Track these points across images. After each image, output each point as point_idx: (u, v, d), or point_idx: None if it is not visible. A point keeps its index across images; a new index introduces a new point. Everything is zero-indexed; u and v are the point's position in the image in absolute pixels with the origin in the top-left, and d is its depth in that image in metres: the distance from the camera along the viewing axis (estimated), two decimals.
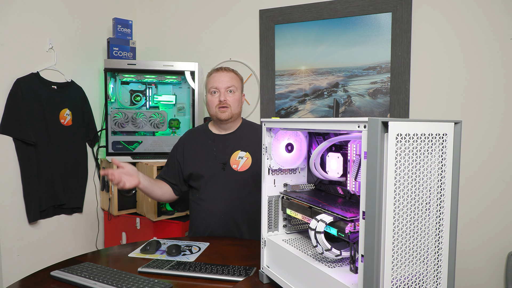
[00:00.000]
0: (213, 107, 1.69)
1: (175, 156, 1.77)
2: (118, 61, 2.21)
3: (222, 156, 1.70)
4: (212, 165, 1.69)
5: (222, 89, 1.68)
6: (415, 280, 0.76)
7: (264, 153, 1.13)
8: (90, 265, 1.22)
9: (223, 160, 1.69)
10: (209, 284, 1.14)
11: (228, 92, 1.68)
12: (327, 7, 2.14)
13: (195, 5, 2.51)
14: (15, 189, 1.92)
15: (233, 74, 1.73)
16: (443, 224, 0.78)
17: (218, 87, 1.68)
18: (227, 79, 1.68)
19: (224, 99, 1.66)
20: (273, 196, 1.16)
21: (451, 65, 1.94)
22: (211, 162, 1.69)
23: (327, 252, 0.89)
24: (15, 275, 1.85)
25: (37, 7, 2.01)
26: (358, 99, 2.13)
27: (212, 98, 1.69)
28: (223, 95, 1.67)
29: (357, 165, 0.92)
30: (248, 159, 1.69)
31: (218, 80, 1.68)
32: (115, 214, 2.22)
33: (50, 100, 2.05)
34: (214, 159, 1.70)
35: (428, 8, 1.96)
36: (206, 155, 1.72)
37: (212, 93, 1.70)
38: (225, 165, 1.68)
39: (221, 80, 1.68)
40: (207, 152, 1.72)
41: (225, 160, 1.69)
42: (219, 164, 1.69)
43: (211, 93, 1.70)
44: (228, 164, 1.68)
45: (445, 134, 0.77)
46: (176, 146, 1.80)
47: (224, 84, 1.68)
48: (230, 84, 1.69)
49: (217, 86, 1.68)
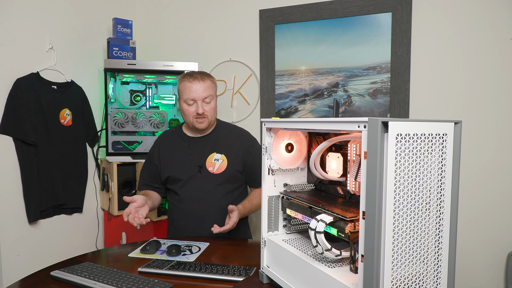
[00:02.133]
0: (190, 117, 1.67)
1: (152, 161, 1.77)
2: (118, 61, 2.21)
3: (198, 159, 1.70)
4: (188, 168, 1.69)
5: (199, 100, 1.64)
6: (415, 280, 0.76)
7: (264, 153, 1.13)
8: (90, 265, 1.22)
9: (199, 163, 1.69)
10: (209, 284, 1.14)
11: (205, 103, 1.66)
12: (327, 7, 2.14)
13: (195, 5, 2.51)
14: (15, 189, 1.92)
15: (209, 82, 1.67)
16: (443, 224, 0.78)
17: (195, 98, 1.63)
18: (202, 89, 1.64)
19: (202, 111, 1.64)
20: (273, 196, 1.16)
21: (451, 65, 1.94)
22: (187, 165, 1.70)
23: (327, 252, 0.89)
24: (15, 275, 1.86)
25: (37, 7, 2.01)
26: (358, 99, 2.13)
27: (188, 108, 1.66)
28: (200, 107, 1.63)
29: (357, 165, 0.92)
30: (224, 161, 1.69)
31: (195, 90, 1.63)
32: (115, 214, 2.22)
33: (50, 100, 2.05)
34: (190, 162, 1.70)
35: (428, 8, 1.96)
36: (182, 158, 1.72)
37: (188, 104, 1.66)
38: (201, 168, 1.68)
39: (197, 90, 1.63)
40: (183, 155, 1.72)
41: (201, 163, 1.69)
42: (195, 167, 1.69)
43: (187, 103, 1.66)
44: (204, 167, 1.69)
45: (445, 134, 0.77)
46: (152, 150, 1.80)
47: (200, 95, 1.63)
48: (207, 94, 1.65)
49: (193, 97, 1.63)
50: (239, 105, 2.40)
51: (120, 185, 2.21)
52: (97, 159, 2.38)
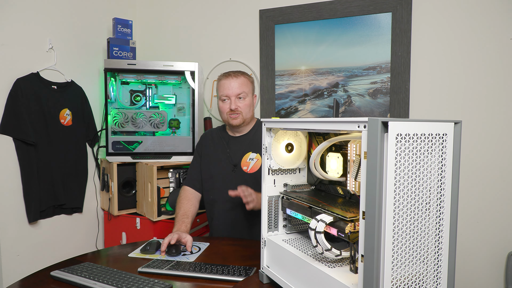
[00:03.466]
0: (225, 114, 1.69)
1: (198, 159, 1.81)
2: (118, 61, 2.21)
3: (235, 158, 1.72)
4: (224, 167, 1.71)
5: (233, 96, 1.66)
6: (415, 280, 0.76)
7: (264, 153, 1.13)
8: (90, 265, 1.22)
9: (235, 161, 1.71)
10: (209, 284, 1.14)
11: (239, 99, 1.67)
12: (327, 7, 2.14)
13: (195, 5, 2.51)
14: (15, 189, 1.92)
15: (243, 79, 1.70)
16: (443, 224, 0.78)
17: (228, 94, 1.66)
18: (236, 86, 1.66)
19: (235, 107, 1.66)
20: (273, 196, 1.16)
21: (451, 65, 1.94)
22: (224, 164, 1.72)
23: (327, 252, 0.89)
24: (15, 275, 1.86)
25: (37, 7, 2.01)
26: (358, 99, 2.13)
27: (223, 105, 1.69)
28: (233, 103, 1.66)
29: (357, 165, 0.92)
30: (258, 160, 1.69)
31: (228, 87, 1.66)
32: (115, 214, 2.22)
33: (50, 100, 2.05)
34: (227, 161, 1.72)
35: (428, 8, 1.96)
36: (220, 156, 1.74)
37: (222, 100, 1.69)
38: (235, 167, 1.69)
39: (231, 87, 1.66)
40: (222, 153, 1.74)
41: (236, 161, 1.70)
42: (231, 166, 1.70)
43: (221, 100, 1.69)
44: (239, 166, 1.69)
45: (445, 134, 0.77)
46: (197, 149, 1.85)
47: (234, 91, 1.66)
48: (240, 91, 1.67)
49: (227, 93, 1.66)
50: None
51: (120, 185, 2.21)
52: (97, 159, 2.38)
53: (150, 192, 2.10)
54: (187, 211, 1.67)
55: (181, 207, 1.67)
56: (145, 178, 2.16)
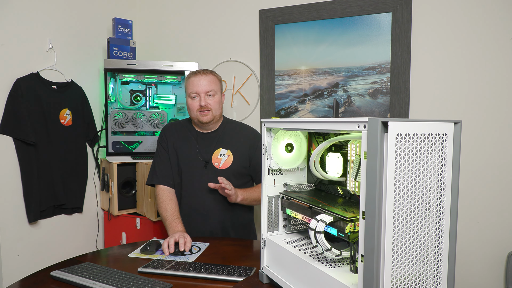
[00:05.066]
0: (194, 111, 1.71)
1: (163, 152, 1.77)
2: (118, 61, 2.21)
3: (204, 154, 1.73)
4: (194, 163, 1.72)
5: (202, 93, 1.69)
6: (415, 280, 0.76)
7: (264, 153, 1.13)
8: (90, 265, 1.22)
9: (206, 158, 1.72)
10: (209, 284, 1.14)
11: (208, 96, 1.70)
12: (327, 7, 2.14)
13: (195, 5, 2.51)
14: (15, 189, 1.92)
15: (212, 77, 1.73)
16: (443, 224, 0.78)
17: (198, 91, 1.69)
18: (205, 83, 1.69)
19: (204, 104, 1.68)
20: (273, 196, 1.16)
21: (451, 65, 1.94)
22: (194, 159, 1.72)
23: (327, 252, 0.89)
24: (15, 275, 1.86)
25: (37, 7, 2.01)
26: (358, 99, 2.13)
27: (192, 102, 1.71)
28: (203, 99, 1.68)
29: (357, 165, 0.92)
30: (230, 156, 1.72)
31: (197, 84, 1.69)
32: (115, 214, 2.22)
33: (50, 100, 2.05)
34: (196, 156, 1.72)
35: (428, 8, 1.96)
36: (190, 151, 1.74)
37: (192, 98, 1.71)
38: (207, 163, 1.71)
39: (200, 85, 1.69)
40: (191, 149, 1.75)
41: (207, 158, 1.72)
42: (202, 162, 1.71)
43: (191, 97, 1.71)
44: (210, 162, 1.71)
45: (445, 134, 0.77)
46: (161, 142, 1.80)
47: (203, 88, 1.69)
48: (209, 88, 1.70)
49: (196, 90, 1.69)
50: (239, 105, 2.40)
51: (120, 185, 2.21)
52: (97, 159, 2.38)
53: (150, 192, 2.10)
54: (175, 211, 1.67)
55: (167, 209, 1.66)
56: (145, 178, 2.15)
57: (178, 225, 1.59)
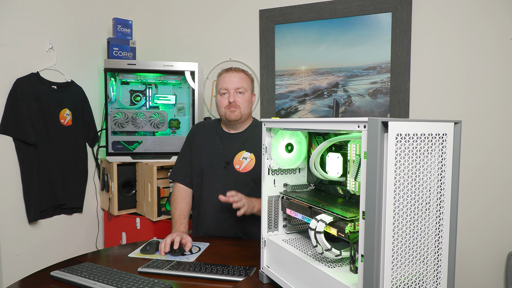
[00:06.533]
0: (222, 108, 1.68)
1: (187, 151, 1.77)
2: (118, 61, 2.21)
3: (227, 154, 1.69)
4: (216, 162, 1.69)
5: (232, 90, 1.65)
6: (415, 280, 0.76)
7: (264, 153, 1.13)
8: (90, 265, 1.22)
9: (227, 159, 1.69)
10: (209, 284, 1.14)
11: (238, 93, 1.66)
12: (327, 7, 2.14)
13: (195, 5, 2.51)
14: (15, 189, 1.92)
15: (243, 75, 1.70)
16: (443, 224, 0.78)
17: (228, 88, 1.66)
18: (236, 80, 1.66)
19: (233, 100, 1.64)
20: (273, 196, 1.16)
21: (451, 65, 1.94)
22: (215, 160, 1.69)
23: (327, 252, 0.89)
24: (15, 275, 1.86)
25: (37, 7, 2.01)
26: (358, 99, 2.13)
27: (221, 99, 1.68)
28: (232, 96, 1.65)
29: (357, 165, 0.92)
30: (252, 160, 1.67)
31: (228, 81, 1.66)
32: (115, 214, 2.22)
33: (50, 100, 2.05)
34: (218, 157, 1.69)
35: (428, 8, 1.96)
36: (212, 151, 1.71)
37: (221, 94, 1.68)
38: (228, 164, 1.68)
39: (230, 81, 1.66)
40: (214, 149, 1.72)
41: (229, 159, 1.68)
42: (222, 162, 1.68)
43: (220, 94, 1.68)
44: (231, 164, 1.67)
45: (445, 134, 0.77)
46: (187, 140, 1.80)
47: (233, 85, 1.65)
48: (240, 85, 1.66)
49: (226, 87, 1.66)
50: None
51: (120, 185, 2.21)
52: (97, 159, 2.38)
53: (150, 192, 2.10)
54: (183, 211, 1.66)
55: (177, 207, 1.66)
56: (145, 178, 2.16)
57: (181, 226, 1.58)
